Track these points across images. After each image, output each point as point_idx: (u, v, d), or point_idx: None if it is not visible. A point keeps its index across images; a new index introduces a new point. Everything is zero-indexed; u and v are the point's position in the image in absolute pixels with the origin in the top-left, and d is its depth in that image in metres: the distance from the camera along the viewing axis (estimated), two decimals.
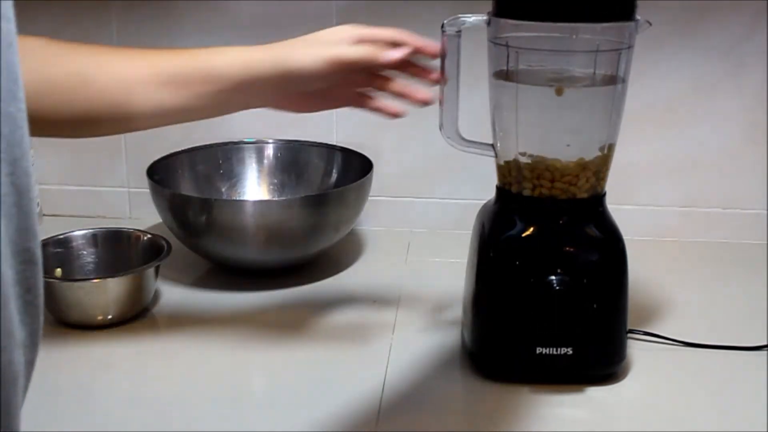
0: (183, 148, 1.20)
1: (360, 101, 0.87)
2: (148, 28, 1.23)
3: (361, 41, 0.83)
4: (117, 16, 1.22)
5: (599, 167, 0.87)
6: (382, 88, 0.86)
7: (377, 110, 0.86)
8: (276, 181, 1.25)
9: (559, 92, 0.84)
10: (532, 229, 0.86)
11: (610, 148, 0.88)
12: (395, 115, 0.85)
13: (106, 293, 0.96)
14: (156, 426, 0.80)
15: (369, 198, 1.14)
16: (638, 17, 0.85)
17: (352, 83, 0.86)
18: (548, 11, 0.81)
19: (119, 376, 0.90)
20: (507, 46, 0.85)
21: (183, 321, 1.01)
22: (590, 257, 0.86)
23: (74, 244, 1.05)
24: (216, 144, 1.23)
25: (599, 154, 0.87)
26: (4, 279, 0.51)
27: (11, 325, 0.50)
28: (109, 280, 0.97)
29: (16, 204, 0.47)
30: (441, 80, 0.87)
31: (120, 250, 1.06)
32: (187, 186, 1.19)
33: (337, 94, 0.86)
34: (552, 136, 0.87)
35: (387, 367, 0.90)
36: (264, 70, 0.80)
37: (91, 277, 1.04)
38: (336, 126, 1.25)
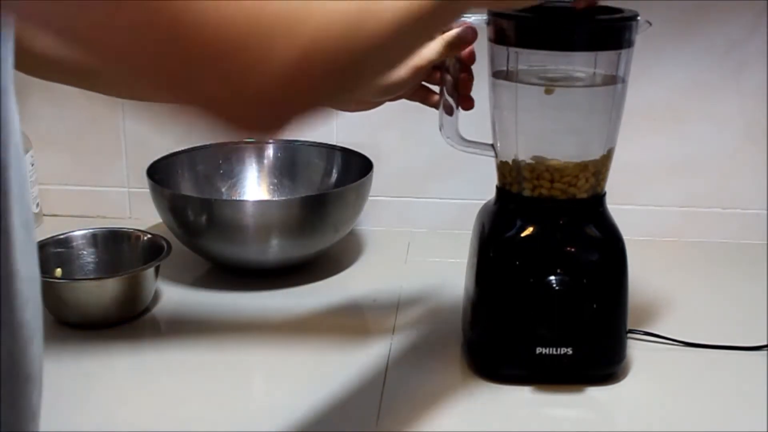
0: (183, 148, 1.20)
1: (421, 96, 0.88)
2: None
3: None
4: None
5: (599, 167, 0.87)
6: (443, 82, 0.86)
7: (437, 106, 0.87)
8: (276, 181, 1.25)
9: (548, 92, 0.84)
10: (531, 229, 0.86)
11: (610, 148, 0.88)
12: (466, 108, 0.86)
13: (106, 293, 0.96)
14: (156, 426, 0.80)
15: (369, 198, 1.14)
16: (638, 17, 0.85)
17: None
18: (543, 41, 0.82)
19: (119, 376, 0.90)
20: (507, 46, 0.85)
21: (183, 321, 1.01)
22: (590, 257, 0.86)
23: (74, 244, 1.05)
24: (216, 144, 1.23)
25: (599, 154, 0.87)
26: (32, 280, 0.52)
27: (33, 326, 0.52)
28: (109, 280, 0.97)
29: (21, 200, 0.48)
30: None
31: (120, 250, 1.06)
32: (187, 186, 1.19)
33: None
34: (552, 136, 0.87)
35: (387, 367, 0.90)
36: None
37: (91, 277, 1.04)
38: (336, 126, 1.25)
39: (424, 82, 0.88)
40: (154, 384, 0.88)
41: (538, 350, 0.85)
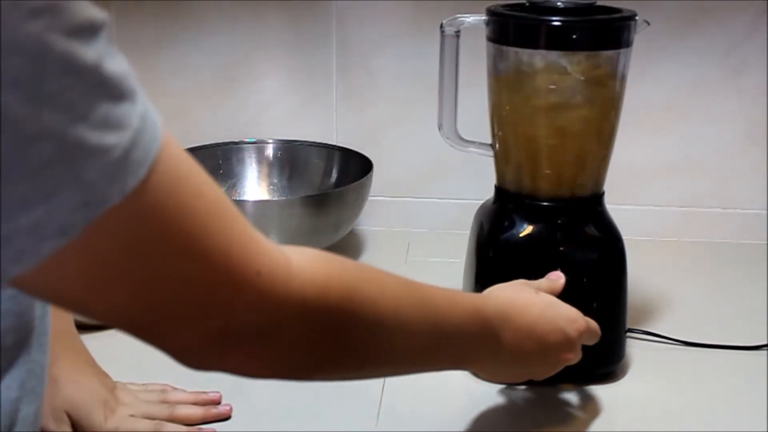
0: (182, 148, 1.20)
1: None
2: (149, 27, 1.23)
3: None
4: (117, 16, 1.22)
5: (598, 167, 0.87)
6: None
7: None
8: (276, 181, 1.25)
9: (547, 91, 0.84)
10: (531, 228, 0.86)
11: (609, 147, 0.88)
12: None
13: None
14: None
15: (369, 198, 1.14)
16: (636, 17, 0.85)
17: None
18: (542, 41, 0.83)
19: (119, 377, 0.89)
20: (506, 46, 0.85)
21: None
22: (589, 257, 0.86)
23: None
24: (216, 144, 1.23)
25: (598, 153, 0.87)
26: None
27: None
28: None
29: None
30: None
31: None
32: None
33: None
34: (551, 135, 0.87)
35: None
36: None
37: None
38: (336, 126, 1.25)
39: None
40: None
41: None
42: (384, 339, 0.59)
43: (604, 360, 0.87)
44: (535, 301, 0.74)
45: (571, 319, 0.75)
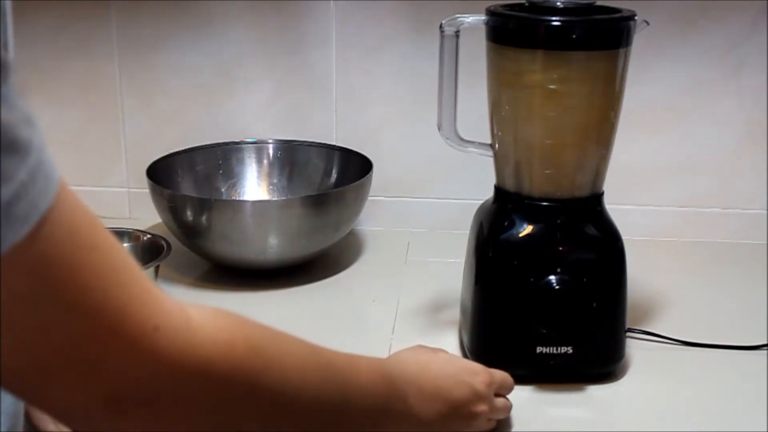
0: (182, 148, 1.20)
1: None
2: (149, 27, 1.23)
3: None
4: (117, 16, 1.22)
5: (597, 166, 0.87)
6: None
7: None
8: (276, 181, 1.25)
9: (546, 92, 0.84)
10: (530, 228, 0.86)
11: (609, 147, 0.88)
12: None
13: None
14: None
15: (369, 198, 1.14)
16: (636, 17, 0.85)
17: None
18: (542, 40, 0.83)
19: None
20: (505, 45, 0.85)
21: None
22: (589, 257, 0.86)
23: None
24: (216, 144, 1.23)
25: (598, 153, 0.87)
26: None
27: None
28: None
29: None
30: None
31: None
32: (186, 186, 1.19)
33: None
34: (550, 135, 0.87)
35: None
36: None
37: None
38: (336, 126, 1.25)
39: None
40: None
41: (539, 349, 0.85)
42: (289, 399, 0.56)
43: (603, 360, 0.88)
44: (434, 359, 0.74)
45: (473, 371, 0.75)
